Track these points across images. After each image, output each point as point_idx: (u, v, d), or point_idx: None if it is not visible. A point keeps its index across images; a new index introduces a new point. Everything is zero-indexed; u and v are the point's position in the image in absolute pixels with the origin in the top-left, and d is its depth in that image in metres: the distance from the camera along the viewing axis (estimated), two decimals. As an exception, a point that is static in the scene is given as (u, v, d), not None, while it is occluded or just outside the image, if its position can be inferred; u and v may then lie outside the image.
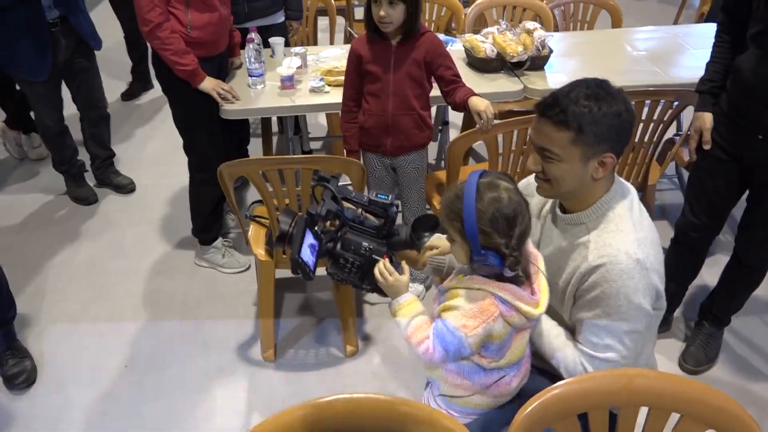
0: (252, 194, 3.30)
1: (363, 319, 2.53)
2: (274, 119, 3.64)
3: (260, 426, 1.05)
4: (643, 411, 1.16)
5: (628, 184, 1.40)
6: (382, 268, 1.35)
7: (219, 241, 2.80)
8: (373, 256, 1.36)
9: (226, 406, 2.19)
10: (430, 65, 2.18)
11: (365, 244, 1.37)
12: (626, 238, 1.28)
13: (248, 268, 2.81)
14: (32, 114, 3.31)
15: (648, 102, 2.35)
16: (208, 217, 2.71)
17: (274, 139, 3.68)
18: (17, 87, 3.31)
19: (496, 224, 1.21)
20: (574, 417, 1.13)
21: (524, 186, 1.49)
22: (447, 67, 2.19)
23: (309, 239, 1.32)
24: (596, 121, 1.26)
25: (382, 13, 2.05)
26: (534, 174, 1.39)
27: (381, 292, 1.40)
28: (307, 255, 1.30)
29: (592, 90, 1.28)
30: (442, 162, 3.32)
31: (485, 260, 1.23)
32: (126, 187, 3.38)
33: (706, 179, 2.05)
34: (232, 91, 2.48)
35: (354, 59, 2.21)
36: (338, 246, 1.37)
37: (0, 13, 2.64)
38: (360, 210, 1.41)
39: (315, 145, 3.57)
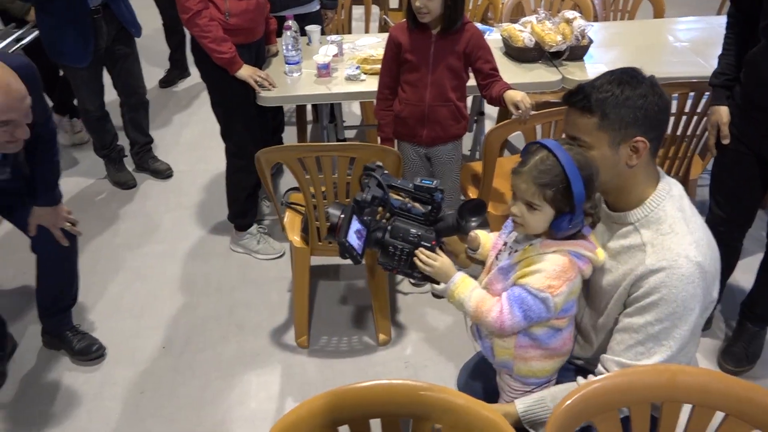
0: (286, 181, 3.32)
1: (396, 309, 2.54)
2: (309, 107, 3.65)
3: (285, 418, 1.06)
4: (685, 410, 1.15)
5: (675, 182, 1.36)
6: (424, 257, 1.35)
7: (254, 228, 2.83)
8: (422, 242, 1.36)
9: (260, 390, 2.23)
10: (469, 57, 2.16)
11: (413, 231, 1.37)
12: (683, 240, 1.25)
13: (282, 255, 2.83)
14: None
15: (692, 94, 2.30)
16: (244, 202, 2.74)
17: (309, 127, 3.69)
18: (61, 73, 3.39)
19: (588, 187, 1.25)
20: (614, 411, 1.12)
21: None
22: (486, 60, 2.17)
23: (355, 225, 1.33)
24: (619, 104, 1.26)
25: (418, 3, 2.04)
26: None
27: (431, 280, 1.40)
28: (353, 239, 1.31)
29: (617, 76, 1.29)
30: (477, 153, 3.29)
31: (579, 222, 1.27)
32: (164, 173, 3.44)
33: (726, 172, 2.04)
34: (268, 79, 2.50)
35: (393, 47, 2.19)
36: (387, 235, 1.38)
37: (46, 1, 2.70)
38: (406, 198, 1.41)
39: (349, 133, 3.58)
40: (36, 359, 2.35)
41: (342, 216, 1.33)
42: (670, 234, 1.26)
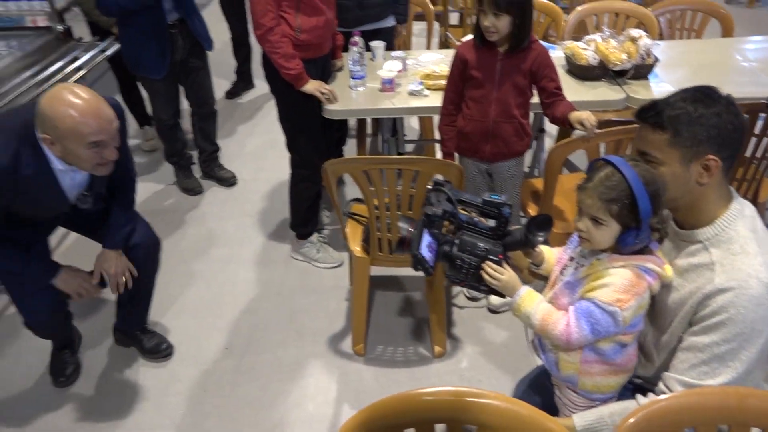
0: (345, 192, 3.40)
1: (452, 322, 2.57)
2: (369, 121, 3.73)
3: (355, 417, 1.11)
4: None
5: (747, 202, 1.35)
6: (491, 270, 1.39)
7: (314, 236, 2.92)
8: (489, 256, 1.40)
9: (317, 394, 2.29)
10: (534, 75, 2.19)
11: (481, 245, 1.41)
12: (754, 261, 1.24)
13: (341, 265, 2.90)
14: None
15: (762, 115, 2.25)
16: (306, 212, 2.83)
17: (368, 140, 3.77)
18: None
19: (654, 203, 1.27)
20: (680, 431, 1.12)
21: None
22: (551, 79, 2.20)
23: (427, 239, 1.38)
24: (692, 121, 1.26)
25: (486, 23, 2.08)
26: None
27: (497, 293, 1.43)
28: (425, 252, 1.36)
29: (691, 93, 1.29)
30: (536, 170, 3.29)
31: (645, 237, 1.28)
32: (228, 180, 3.59)
33: None
34: (333, 92, 2.58)
35: (459, 63, 2.24)
36: (455, 249, 1.42)
37: (129, 17, 2.87)
38: (472, 213, 1.45)
39: (408, 147, 3.64)
40: (108, 355, 2.48)
41: (412, 230, 1.38)
42: (741, 254, 1.25)
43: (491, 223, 1.44)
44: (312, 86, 2.54)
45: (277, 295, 2.77)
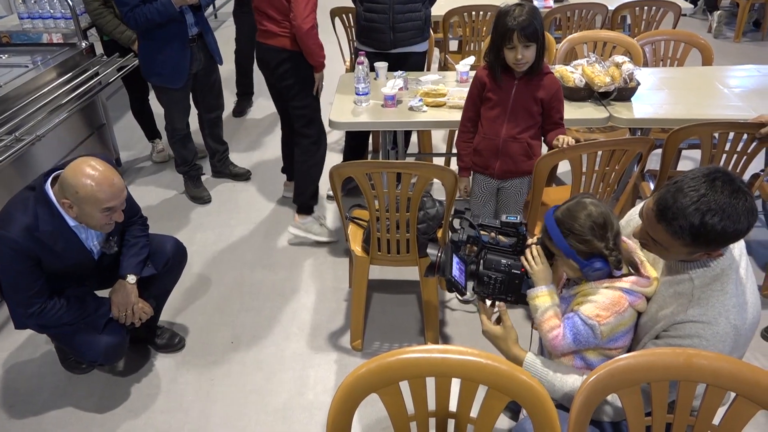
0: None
1: (444, 322, 2.73)
2: (370, 140, 3.94)
3: (354, 372, 1.26)
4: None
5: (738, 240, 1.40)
6: (534, 253, 1.57)
7: (316, 213, 3.23)
8: (512, 270, 1.58)
9: (317, 384, 2.44)
10: (544, 103, 2.39)
11: (504, 261, 1.59)
12: (728, 302, 1.36)
13: (337, 242, 3.17)
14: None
15: (731, 135, 2.45)
16: (316, 187, 3.20)
17: (369, 156, 3.98)
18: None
19: (594, 232, 1.46)
20: (637, 386, 1.29)
21: (626, 222, 1.67)
22: (557, 110, 2.41)
23: (455, 262, 1.58)
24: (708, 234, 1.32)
25: (519, 56, 2.23)
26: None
27: (522, 303, 1.61)
28: (456, 274, 1.56)
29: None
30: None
31: (593, 267, 1.47)
32: (244, 176, 3.91)
33: None
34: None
35: (478, 85, 2.42)
36: (481, 267, 1.61)
37: (153, 29, 3.09)
38: (493, 234, 1.63)
39: (408, 160, 3.83)
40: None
41: (440, 255, 1.56)
42: (719, 292, 1.37)
43: (510, 241, 1.63)
44: (321, 74, 3.05)
45: (281, 294, 2.94)
